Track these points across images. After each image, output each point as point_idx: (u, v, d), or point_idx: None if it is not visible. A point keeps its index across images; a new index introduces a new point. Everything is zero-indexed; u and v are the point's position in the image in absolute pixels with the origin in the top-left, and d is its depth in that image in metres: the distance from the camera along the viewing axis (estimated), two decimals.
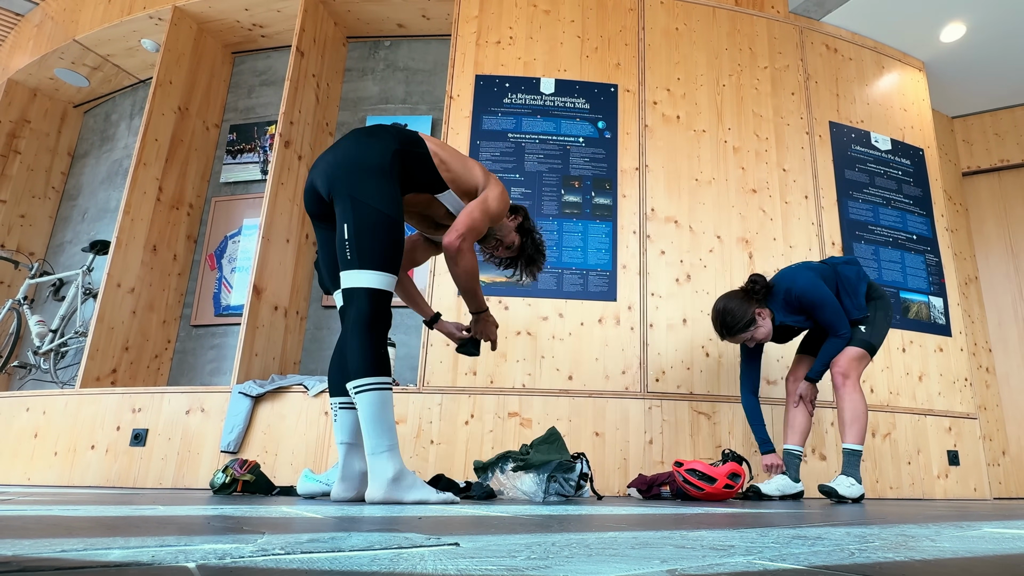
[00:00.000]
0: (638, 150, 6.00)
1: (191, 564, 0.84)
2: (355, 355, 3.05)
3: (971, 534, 1.61)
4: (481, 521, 1.81)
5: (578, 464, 4.01)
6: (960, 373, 6.25)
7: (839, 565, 0.95)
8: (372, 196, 3.16)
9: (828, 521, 2.09)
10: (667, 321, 5.60)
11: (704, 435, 5.33)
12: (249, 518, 1.75)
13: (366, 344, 3.07)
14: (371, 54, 7.50)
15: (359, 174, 3.20)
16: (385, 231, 3.15)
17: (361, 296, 3.11)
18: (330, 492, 3.60)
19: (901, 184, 6.66)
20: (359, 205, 3.14)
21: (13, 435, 5.60)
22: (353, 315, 3.10)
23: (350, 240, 3.11)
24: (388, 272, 3.16)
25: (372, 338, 3.09)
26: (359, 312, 3.10)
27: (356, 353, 3.05)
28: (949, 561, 1.02)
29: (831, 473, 5.45)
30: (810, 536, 1.49)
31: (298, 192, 6.48)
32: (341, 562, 0.90)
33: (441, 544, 1.16)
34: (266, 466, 5.03)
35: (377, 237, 3.13)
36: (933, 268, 6.47)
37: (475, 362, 5.34)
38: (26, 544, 1.02)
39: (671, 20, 6.44)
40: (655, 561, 0.98)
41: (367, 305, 3.11)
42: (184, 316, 7.03)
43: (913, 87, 7.20)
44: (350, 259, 3.12)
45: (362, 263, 3.11)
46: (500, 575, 0.80)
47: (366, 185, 3.18)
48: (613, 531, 1.54)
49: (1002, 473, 7.29)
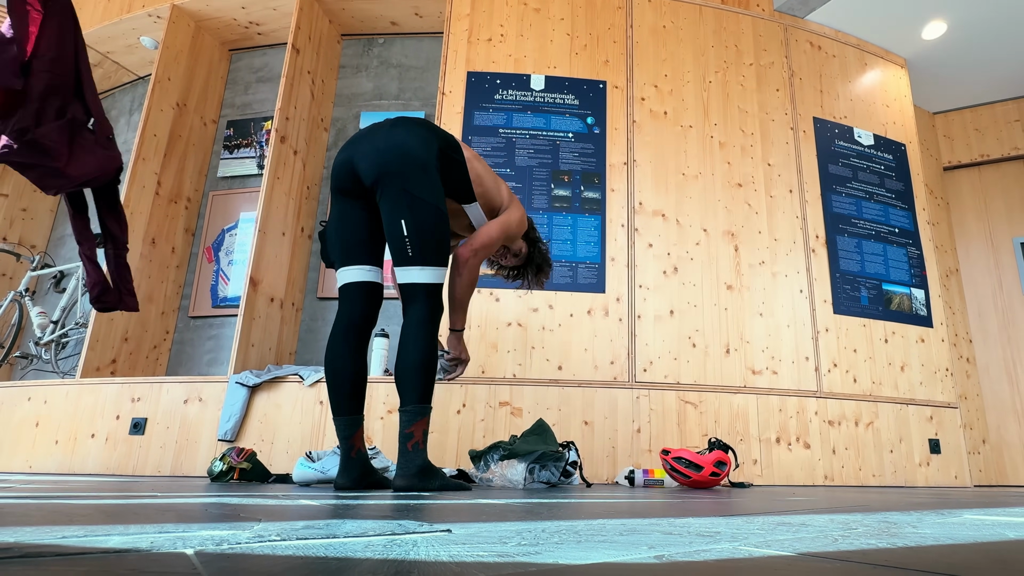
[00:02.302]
0: (626, 145, 6.00)
1: (189, 550, 0.84)
2: (417, 374, 3.07)
3: (952, 521, 1.61)
4: (473, 509, 1.81)
5: (567, 453, 4.02)
6: (941, 363, 6.27)
7: (823, 552, 0.95)
8: (428, 192, 3.17)
9: (812, 508, 2.10)
10: (654, 312, 5.60)
11: (691, 424, 5.33)
12: (246, 505, 1.75)
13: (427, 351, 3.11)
14: (365, 51, 7.49)
15: (413, 168, 3.18)
16: (442, 228, 3.20)
17: (422, 293, 3.16)
18: (325, 479, 3.61)
19: (883, 178, 6.68)
20: (417, 202, 3.14)
21: (15, 424, 5.60)
22: (416, 313, 3.15)
23: (410, 237, 3.12)
24: (444, 267, 3.23)
25: (433, 340, 3.16)
26: (422, 309, 3.16)
27: (418, 372, 3.07)
28: (931, 547, 1.02)
29: (815, 461, 5.46)
30: (794, 523, 1.49)
31: (293, 186, 6.47)
32: (336, 548, 0.90)
33: (434, 531, 1.16)
34: (262, 454, 5.03)
35: (436, 234, 3.17)
36: (915, 260, 6.49)
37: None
38: (27, 531, 1.02)
39: (658, 18, 6.44)
40: (643, 547, 0.98)
41: (431, 301, 3.18)
42: (182, 308, 7.03)
43: (895, 84, 7.21)
44: (411, 256, 3.14)
45: (424, 260, 3.15)
46: (491, 561, 0.80)
47: (421, 180, 3.17)
48: (602, 518, 1.54)
49: (982, 461, 7.32)
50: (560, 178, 5.83)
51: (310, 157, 6.79)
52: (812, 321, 5.90)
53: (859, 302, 6.11)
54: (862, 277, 6.20)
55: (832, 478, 5.49)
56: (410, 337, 3.12)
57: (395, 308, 6.42)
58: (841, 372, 5.85)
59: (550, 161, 5.87)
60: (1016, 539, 1.17)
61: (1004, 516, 1.80)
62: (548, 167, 5.85)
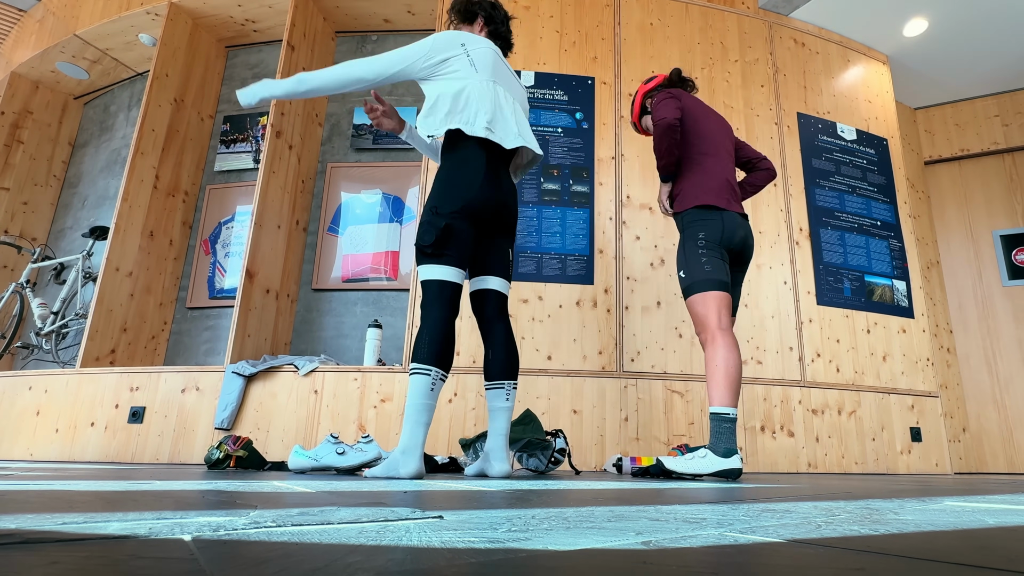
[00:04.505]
0: (614, 140, 6.00)
1: (187, 536, 0.84)
2: (517, 357, 3.72)
3: (933, 507, 1.61)
4: (465, 496, 1.81)
5: (555, 441, 4.03)
6: (922, 353, 6.28)
7: (807, 538, 0.95)
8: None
9: (796, 496, 2.10)
10: (642, 304, 5.61)
11: (677, 412, 5.34)
12: (242, 492, 1.75)
13: (516, 346, 3.82)
14: (359, 48, 7.48)
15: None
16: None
17: (507, 305, 3.74)
18: (319, 467, 3.61)
19: (866, 172, 6.69)
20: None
21: (16, 413, 5.59)
22: (508, 321, 3.68)
23: (512, 262, 3.90)
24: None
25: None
26: (508, 317, 3.71)
27: (517, 356, 3.63)
28: (913, 534, 1.02)
29: (799, 449, 5.48)
30: (778, 510, 1.50)
31: (288, 180, 6.46)
32: (330, 534, 0.90)
33: (426, 517, 1.16)
34: (258, 442, 5.03)
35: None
36: (896, 253, 6.50)
37: (459, 343, 5.34)
38: (28, 517, 1.01)
39: (646, 15, 6.43)
40: (630, 533, 0.98)
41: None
42: (180, 299, 7.02)
43: (877, 80, 7.22)
44: (510, 274, 3.75)
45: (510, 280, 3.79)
46: (482, 546, 0.80)
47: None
48: (590, 505, 1.54)
49: (962, 449, 7.34)
50: (550, 172, 5.82)
51: (305, 152, 6.77)
52: (796, 312, 5.91)
53: (842, 293, 6.12)
54: (845, 269, 6.21)
55: (816, 466, 5.50)
56: (510, 342, 3.65)
57: (387, 300, 6.42)
58: (824, 362, 5.86)
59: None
60: (996, 525, 1.17)
61: (984, 503, 1.81)
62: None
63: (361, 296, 6.53)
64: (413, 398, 3.17)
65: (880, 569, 0.69)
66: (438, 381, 3.22)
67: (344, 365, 5.38)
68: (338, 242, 6.72)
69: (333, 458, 3.60)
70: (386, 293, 6.44)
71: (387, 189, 6.82)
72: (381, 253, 6.60)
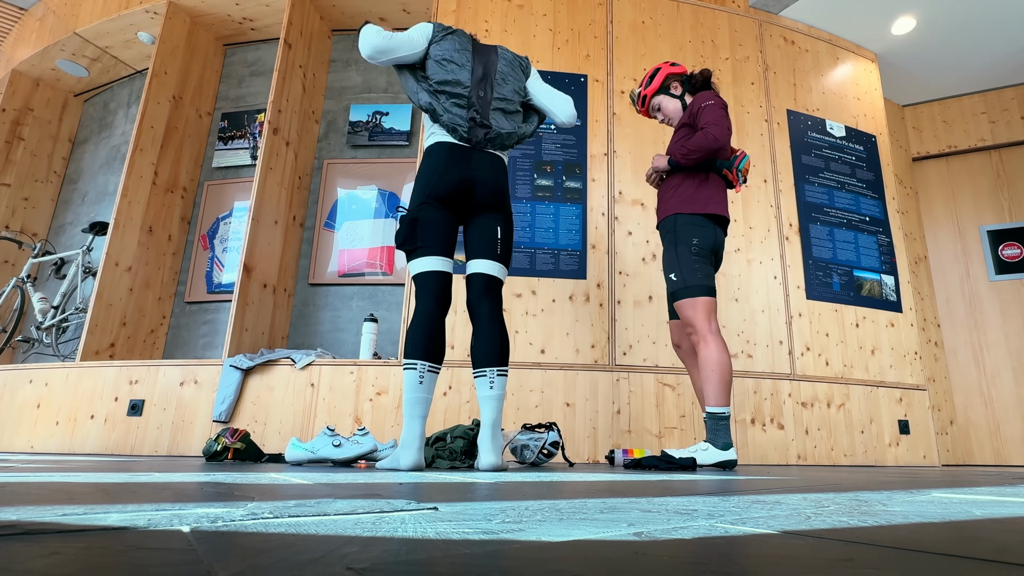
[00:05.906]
0: (606, 137, 5.99)
1: (185, 527, 0.84)
2: (503, 342, 3.44)
3: (921, 499, 1.62)
4: (459, 488, 1.81)
5: (548, 433, 4.03)
6: (910, 347, 6.29)
7: (797, 530, 0.95)
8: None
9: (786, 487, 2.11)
10: (634, 298, 5.61)
11: (669, 405, 5.35)
12: (240, 484, 1.75)
13: (505, 331, 3.49)
14: (355, 46, 7.47)
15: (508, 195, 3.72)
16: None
17: (499, 288, 3.58)
18: (316, 459, 3.60)
19: (855, 169, 6.69)
20: (510, 220, 3.68)
21: (17, 406, 5.58)
22: (495, 304, 3.53)
23: (503, 241, 3.60)
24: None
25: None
26: (498, 302, 3.56)
27: (502, 341, 3.44)
28: (901, 525, 1.02)
29: (789, 442, 5.49)
30: (768, 501, 1.50)
31: (285, 176, 6.46)
32: (326, 525, 0.89)
33: (421, 508, 1.16)
34: (256, 435, 5.04)
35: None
36: (885, 248, 6.51)
37: (452, 337, 5.34)
38: (29, 509, 1.01)
39: (638, 14, 6.43)
40: (622, 524, 0.98)
41: (500, 296, 3.59)
42: (178, 293, 7.01)
43: (866, 77, 7.22)
44: (501, 255, 3.59)
45: (508, 264, 3.64)
46: (476, 538, 0.80)
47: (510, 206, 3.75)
48: (583, 497, 1.54)
49: (950, 441, 7.36)
50: (543, 168, 5.82)
51: (301, 148, 6.76)
52: (786, 306, 5.91)
53: (831, 288, 6.13)
54: (834, 264, 6.22)
55: (805, 458, 5.51)
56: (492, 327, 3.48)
57: (382, 295, 6.43)
58: (814, 356, 5.87)
59: (533, 152, 5.86)
60: (982, 517, 1.17)
61: (971, 495, 1.81)
62: (531, 158, 5.84)
63: (357, 291, 6.53)
64: (405, 393, 3.23)
65: (869, 560, 0.69)
66: (426, 374, 3.24)
67: (340, 359, 5.37)
68: (334, 237, 6.71)
69: (329, 450, 3.60)
70: (382, 288, 6.44)
71: (383, 185, 6.82)
72: (377, 248, 6.60)
